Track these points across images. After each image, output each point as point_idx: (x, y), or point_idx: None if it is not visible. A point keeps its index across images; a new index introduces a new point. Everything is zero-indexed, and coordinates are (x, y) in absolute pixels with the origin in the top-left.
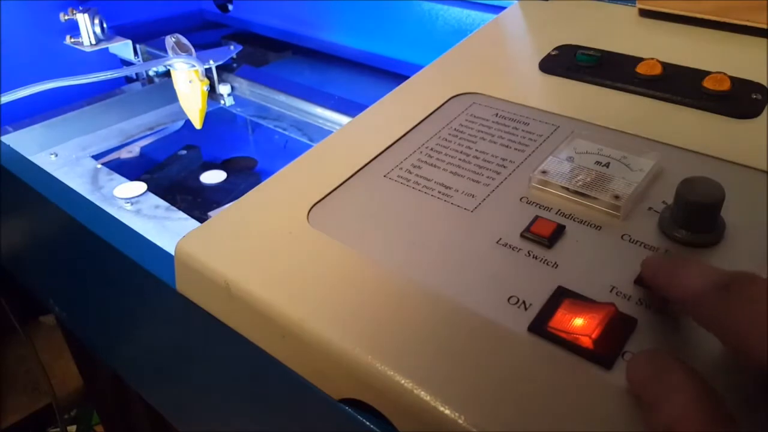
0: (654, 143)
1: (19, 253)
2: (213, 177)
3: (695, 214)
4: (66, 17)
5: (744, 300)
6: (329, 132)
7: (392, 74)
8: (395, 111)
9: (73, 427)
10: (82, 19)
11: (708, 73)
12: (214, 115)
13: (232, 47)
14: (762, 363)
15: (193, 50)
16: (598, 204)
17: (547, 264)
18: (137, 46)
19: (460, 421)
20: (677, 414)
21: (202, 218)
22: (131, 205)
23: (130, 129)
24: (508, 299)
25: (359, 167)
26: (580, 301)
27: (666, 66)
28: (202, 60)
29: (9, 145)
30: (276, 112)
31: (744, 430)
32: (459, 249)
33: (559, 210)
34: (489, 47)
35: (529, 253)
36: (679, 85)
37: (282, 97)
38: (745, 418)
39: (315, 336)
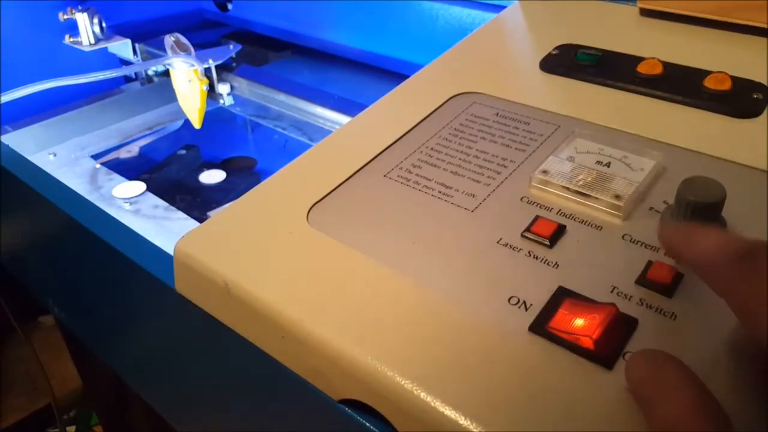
0: (655, 143)
1: (18, 253)
2: (212, 177)
3: (696, 214)
4: (65, 17)
5: (761, 274)
6: (329, 132)
7: (392, 74)
8: (395, 111)
9: (73, 428)
10: (81, 18)
11: (709, 72)
12: (214, 115)
13: (231, 46)
14: None
15: (192, 49)
16: (599, 204)
17: (547, 264)
18: (136, 45)
19: (460, 422)
20: (674, 413)
21: (201, 218)
22: (130, 205)
23: (129, 129)
24: (509, 299)
25: (359, 167)
26: (581, 302)
27: (667, 65)
28: (202, 59)
29: (8, 145)
30: (275, 111)
31: (740, 431)
32: (459, 249)
33: (560, 210)
34: (489, 46)
35: (529, 253)
36: (679, 84)
37: (282, 97)
38: (742, 419)
39: (315, 336)
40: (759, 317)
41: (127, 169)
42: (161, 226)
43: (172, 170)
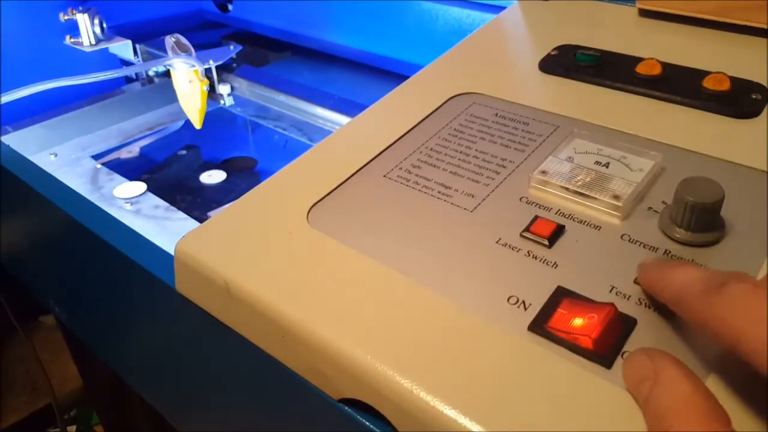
0: (654, 143)
1: (19, 253)
2: (213, 177)
3: (695, 214)
4: (66, 17)
5: (735, 299)
6: (329, 132)
7: (392, 74)
8: (395, 111)
9: (73, 428)
10: (82, 19)
11: (708, 73)
12: (214, 115)
13: (231, 47)
14: (756, 362)
15: (192, 50)
16: (598, 204)
17: (546, 264)
18: (137, 46)
19: (460, 421)
20: (672, 411)
21: (202, 218)
22: (131, 205)
23: (130, 129)
24: (508, 299)
25: (359, 167)
26: (580, 301)
27: (666, 66)
28: (202, 60)
29: (9, 145)
30: (276, 112)
31: (738, 430)
32: (458, 249)
33: (559, 210)
34: (489, 47)
35: (528, 253)
36: (678, 85)
37: (282, 97)
38: (742, 419)
39: (315, 336)
40: (741, 341)
41: (128, 170)
42: (162, 226)
43: (172, 170)
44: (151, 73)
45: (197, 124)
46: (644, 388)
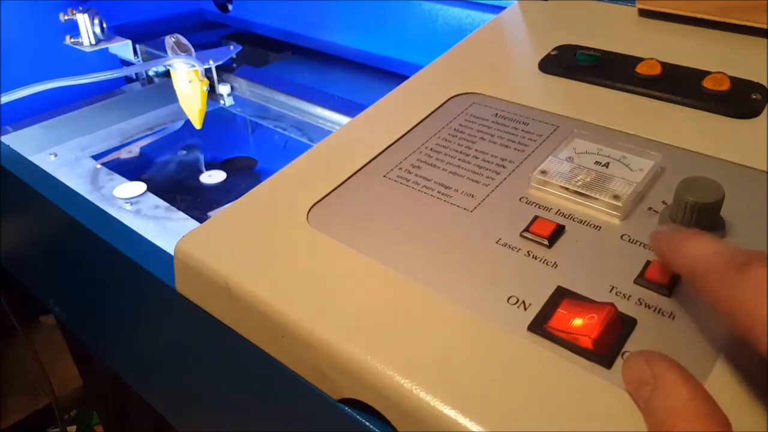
0: (653, 143)
1: (19, 253)
2: (213, 177)
3: (695, 214)
4: (66, 17)
5: (756, 282)
6: (329, 132)
7: (392, 74)
8: (395, 111)
9: (73, 428)
10: (82, 19)
11: (708, 73)
12: (214, 115)
13: (231, 47)
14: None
15: (192, 50)
16: (598, 204)
17: (546, 264)
18: (137, 46)
19: (459, 421)
20: (671, 412)
21: (202, 218)
22: (131, 205)
23: (130, 129)
24: (508, 299)
25: (359, 167)
26: (580, 301)
27: (666, 66)
28: (202, 60)
29: (9, 145)
30: (276, 112)
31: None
32: (458, 249)
33: (559, 210)
34: (489, 47)
35: (528, 253)
36: (678, 85)
37: (282, 97)
38: (742, 419)
39: (315, 336)
40: (756, 326)
41: (128, 170)
42: (162, 226)
43: (172, 170)
44: (151, 73)
45: (197, 124)
46: (644, 392)
